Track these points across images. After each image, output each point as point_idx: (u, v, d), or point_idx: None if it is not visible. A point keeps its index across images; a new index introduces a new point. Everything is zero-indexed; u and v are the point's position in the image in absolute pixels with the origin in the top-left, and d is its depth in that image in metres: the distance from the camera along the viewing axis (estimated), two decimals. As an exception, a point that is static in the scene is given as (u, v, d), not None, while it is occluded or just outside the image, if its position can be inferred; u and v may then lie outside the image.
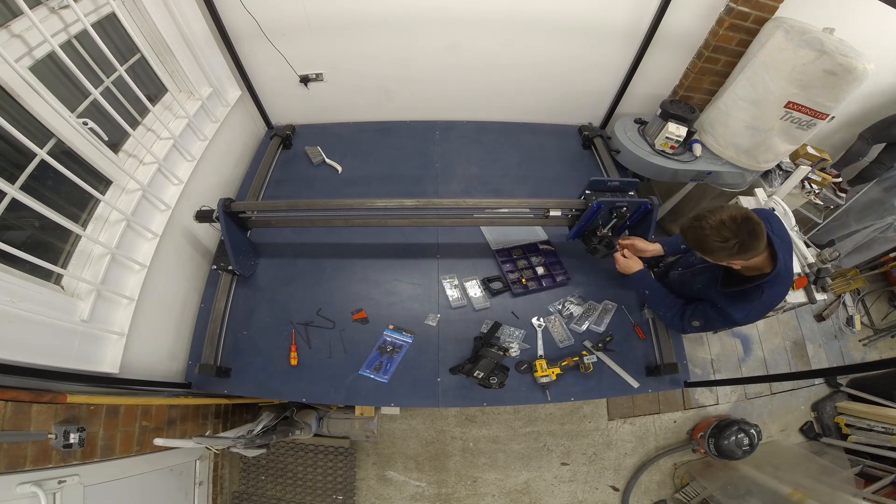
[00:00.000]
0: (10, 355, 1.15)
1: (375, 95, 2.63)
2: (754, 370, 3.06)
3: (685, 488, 2.71)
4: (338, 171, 2.50)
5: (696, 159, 2.42)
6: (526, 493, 2.65)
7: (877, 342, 3.34)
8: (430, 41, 2.30)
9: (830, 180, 2.66)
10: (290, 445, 2.56)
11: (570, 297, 2.04)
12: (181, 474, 2.00)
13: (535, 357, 1.87)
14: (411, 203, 1.88)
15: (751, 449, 2.47)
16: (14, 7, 1.27)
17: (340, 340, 1.90)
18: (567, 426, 2.80)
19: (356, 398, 1.84)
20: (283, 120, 2.73)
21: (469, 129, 2.75)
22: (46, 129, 1.39)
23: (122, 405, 1.52)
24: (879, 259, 3.23)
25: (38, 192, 1.39)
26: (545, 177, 2.54)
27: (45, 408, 1.23)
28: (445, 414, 2.74)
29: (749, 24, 2.13)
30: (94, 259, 1.54)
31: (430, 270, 2.10)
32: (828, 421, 2.96)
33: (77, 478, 1.33)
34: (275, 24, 2.15)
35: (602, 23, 2.23)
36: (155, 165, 1.80)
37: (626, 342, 1.96)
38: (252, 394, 1.85)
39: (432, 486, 2.61)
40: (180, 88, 2.09)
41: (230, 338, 1.92)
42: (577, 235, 1.97)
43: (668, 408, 2.92)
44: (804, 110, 2.08)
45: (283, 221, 2.06)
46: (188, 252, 2.07)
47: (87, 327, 1.42)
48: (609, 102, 2.71)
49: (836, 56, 1.87)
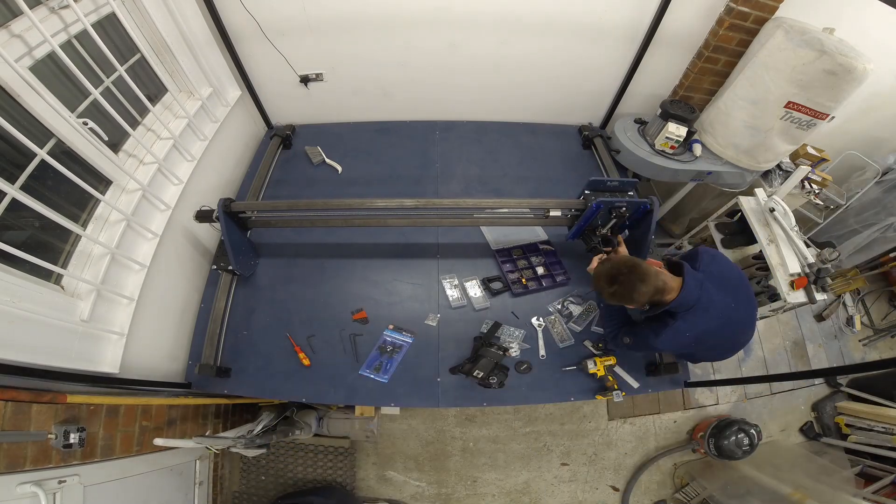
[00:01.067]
0: (10, 355, 1.15)
1: (375, 95, 2.63)
2: (754, 370, 3.05)
3: (685, 488, 2.71)
4: (338, 171, 2.50)
5: (696, 159, 2.42)
6: (526, 493, 2.65)
7: (877, 342, 3.34)
8: (429, 41, 2.30)
9: (830, 180, 2.66)
10: (290, 445, 2.56)
11: (569, 296, 2.04)
12: (181, 474, 2.00)
13: (535, 357, 1.88)
14: (411, 203, 1.89)
15: (751, 449, 2.47)
16: (14, 7, 1.26)
17: (340, 340, 1.90)
18: (567, 426, 2.79)
19: (356, 398, 1.84)
20: (283, 120, 2.73)
21: (469, 129, 2.75)
22: (46, 129, 1.39)
23: (122, 405, 1.52)
24: (879, 259, 3.23)
25: (38, 192, 1.39)
26: (545, 177, 2.54)
27: (45, 408, 1.23)
28: (445, 414, 2.74)
29: (749, 24, 2.13)
30: (94, 259, 1.54)
31: (430, 270, 2.10)
32: (828, 421, 2.96)
33: (77, 478, 1.33)
34: (275, 24, 2.15)
35: (602, 23, 2.23)
36: (155, 165, 1.80)
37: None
38: (252, 394, 1.85)
39: (432, 486, 2.61)
40: (180, 88, 2.09)
41: (230, 338, 1.92)
42: (576, 235, 1.97)
43: (668, 408, 2.92)
44: (804, 110, 2.08)
45: (283, 221, 2.06)
46: (188, 252, 2.07)
47: (87, 327, 1.42)
48: (609, 102, 2.71)
49: (836, 56, 1.87)
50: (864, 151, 2.75)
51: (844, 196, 2.78)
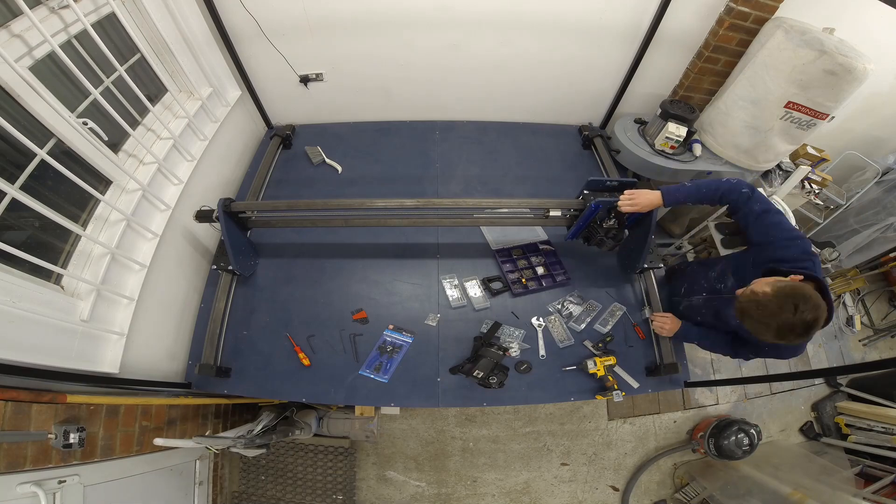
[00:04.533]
0: (10, 355, 1.15)
1: (375, 95, 2.63)
2: (754, 370, 3.05)
3: (685, 488, 2.71)
4: (338, 171, 2.50)
5: (696, 159, 2.42)
6: (526, 493, 2.65)
7: (877, 342, 3.34)
8: (430, 41, 2.30)
9: (830, 180, 2.66)
10: (290, 445, 2.56)
11: (569, 296, 2.04)
12: (181, 474, 2.00)
13: (535, 357, 1.88)
14: (411, 203, 1.88)
15: (751, 449, 2.47)
16: (14, 7, 1.26)
17: (340, 340, 1.90)
18: (567, 426, 2.79)
19: (356, 398, 1.84)
20: (283, 120, 2.73)
21: (469, 129, 2.75)
22: (46, 129, 1.39)
23: (121, 405, 1.52)
24: (879, 259, 3.23)
25: (38, 192, 1.39)
26: (545, 177, 2.54)
27: (45, 408, 1.23)
28: (445, 414, 2.74)
29: (749, 24, 2.13)
30: (94, 259, 1.54)
31: (430, 270, 2.10)
32: (828, 421, 2.96)
33: (77, 478, 1.33)
34: (275, 24, 2.15)
35: (602, 23, 2.23)
36: (155, 165, 1.80)
37: (625, 342, 1.96)
38: (252, 394, 1.85)
39: (432, 486, 2.61)
40: (180, 88, 2.09)
41: (230, 338, 1.92)
42: (575, 235, 1.97)
43: (668, 408, 2.92)
44: (804, 110, 2.08)
45: (283, 221, 2.06)
46: (188, 252, 2.07)
47: (86, 327, 1.42)
48: (609, 102, 2.71)
49: (836, 56, 1.87)
50: (864, 151, 2.75)
51: (844, 196, 2.79)
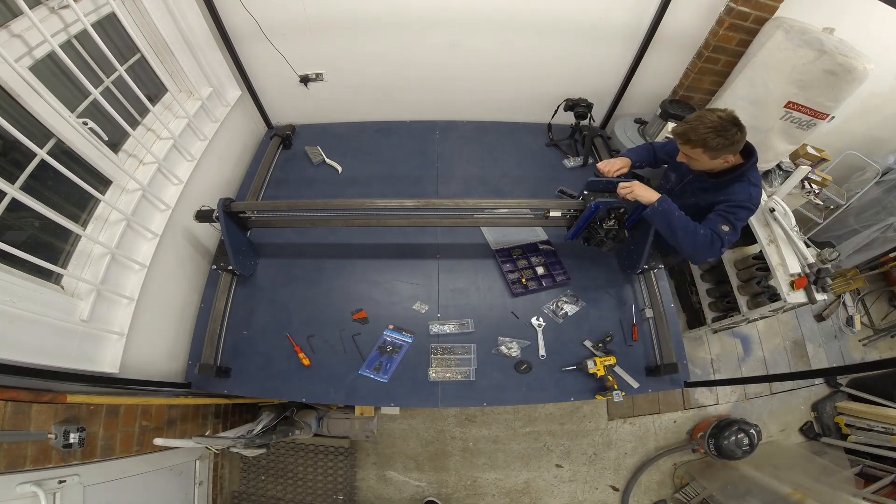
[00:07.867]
0: (10, 355, 1.15)
1: (375, 95, 2.63)
2: (754, 370, 3.05)
3: (685, 488, 2.70)
4: (338, 171, 2.50)
5: (695, 159, 2.42)
6: (526, 493, 2.65)
7: (877, 342, 3.33)
8: (429, 41, 2.30)
9: (830, 180, 2.66)
10: (290, 445, 2.56)
11: (562, 296, 2.03)
12: (181, 474, 2.00)
13: (535, 357, 1.88)
14: (411, 203, 1.88)
15: (751, 449, 2.47)
16: (14, 7, 1.27)
17: (340, 340, 1.90)
18: (567, 426, 2.79)
19: (356, 398, 1.84)
20: (283, 120, 2.73)
21: (469, 129, 2.75)
22: (46, 129, 1.39)
23: (121, 405, 1.52)
24: (879, 259, 3.22)
25: (38, 192, 1.39)
26: (545, 177, 2.54)
27: (45, 408, 1.23)
28: (445, 414, 2.74)
29: (749, 24, 2.13)
30: (94, 259, 1.54)
31: (430, 270, 2.10)
32: (828, 421, 2.96)
33: (77, 478, 1.33)
34: (275, 24, 2.15)
35: (602, 23, 2.23)
36: (155, 165, 1.80)
37: (626, 342, 1.96)
38: (252, 394, 1.85)
39: (432, 486, 2.61)
40: (180, 88, 2.09)
41: (230, 338, 1.92)
42: (575, 236, 1.97)
43: (668, 408, 2.91)
44: (804, 110, 2.08)
45: (283, 221, 2.06)
46: (188, 252, 2.07)
47: (86, 327, 1.42)
48: (609, 102, 2.71)
49: (836, 56, 1.87)
50: (864, 151, 2.75)
51: (844, 196, 2.79)
